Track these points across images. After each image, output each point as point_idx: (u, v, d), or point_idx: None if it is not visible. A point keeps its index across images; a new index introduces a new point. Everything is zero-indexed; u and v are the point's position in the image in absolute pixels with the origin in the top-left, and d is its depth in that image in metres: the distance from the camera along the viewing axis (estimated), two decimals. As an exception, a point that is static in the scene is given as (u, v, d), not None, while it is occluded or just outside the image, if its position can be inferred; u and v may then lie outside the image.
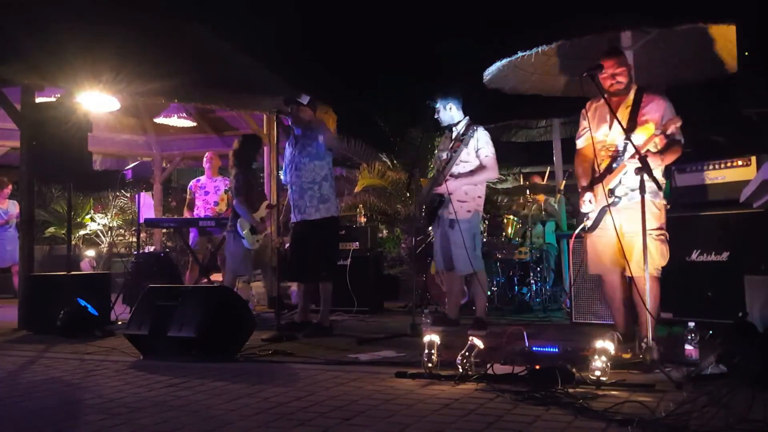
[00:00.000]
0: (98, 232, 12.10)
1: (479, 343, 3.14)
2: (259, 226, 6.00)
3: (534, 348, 3.34)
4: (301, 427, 2.43)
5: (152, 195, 10.37)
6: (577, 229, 4.19)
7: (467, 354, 3.13)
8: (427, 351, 3.24)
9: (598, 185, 3.93)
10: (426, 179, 5.56)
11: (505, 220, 6.89)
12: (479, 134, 5.06)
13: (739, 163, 4.59)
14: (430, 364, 3.22)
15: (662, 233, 3.83)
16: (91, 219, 12.23)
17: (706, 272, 4.57)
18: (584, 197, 3.99)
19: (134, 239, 9.31)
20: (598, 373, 2.92)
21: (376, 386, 3.09)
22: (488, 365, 3.13)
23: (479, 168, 5.05)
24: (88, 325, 5.16)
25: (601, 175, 3.93)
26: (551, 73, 7.07)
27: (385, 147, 11.58)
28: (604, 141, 3.97)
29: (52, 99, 6.21)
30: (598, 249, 4.02)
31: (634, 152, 3.73)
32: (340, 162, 11.50)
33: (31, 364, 4.02)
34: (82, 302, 5.25)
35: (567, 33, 6.14)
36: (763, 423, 2.24)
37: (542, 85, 7.35)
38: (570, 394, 2.75)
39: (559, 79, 7.16)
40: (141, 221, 7.20)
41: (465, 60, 10.99)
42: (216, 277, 6.75)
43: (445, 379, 3.12)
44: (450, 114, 5.18)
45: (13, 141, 7.18)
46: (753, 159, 4.54)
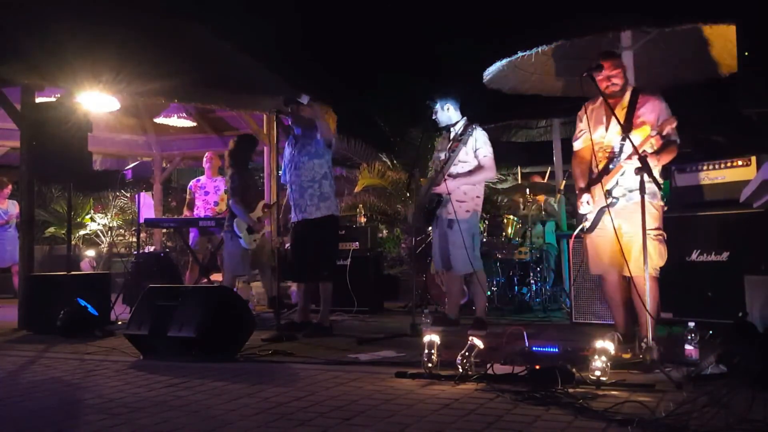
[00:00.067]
0: (98, 232, 12.10)
1: (479, 343, 3.14)
2: (256, 226, 6.00)
3: (534, 348, 3.34)
4: (301, 427, 2.43)
5: (152, 195, 10.37)
6: (576, 230, 4.20)
7: (467, 354, 3.13)
8: (427, 351, 3.24)
9: (596, 186, 3.94)
10: (426, 179, 5.56)
11: (505, 220, 6.89)
12: (477, 134, 5.06)
13: (739, 163, 4.60)
14: (430, 364, 3.22)
15: (660, 233, 3.84)
16: (91, 219, 12.23)
17: (706, 272, 4.57)
18: (582, 198, 4.01)
19: (134, 239, 9.31)
20: (598, 373, 2.92)
21: (376, 386, 3.09)
22: (488, 365, 3.13)
23: (477, 168, 5.05)
24: (88, 325, 5.16)
25: (598, 177, 3.94)
26: (551, 73, 7.08)
27: (385, 147, 11.58)
28: (601, 142, 3.98)
29: (52, 99, 6.21)
30: (599, 249, 4.03)
31: (630, 153, 3.75)
32: (340, 162, 11.50)
33: (31, 364, 4.01)
34: (82, 302, 5.25)
35: (567, 33, 6.15)
36: (763, 423, 2.24)
37: (542, 85, 7.36)
38: (570, 394, 2.75)
39: (559, 79, 7.16)
40: (141, 221, 7.21)
41: (465, 60, 10.99)
42: (216, 277, 6.75)
43: (445, 379, 3.12)
44: (447, 114, 5.18)
45: (13, 141, 7.19)
46: (753, 159, 4.54)
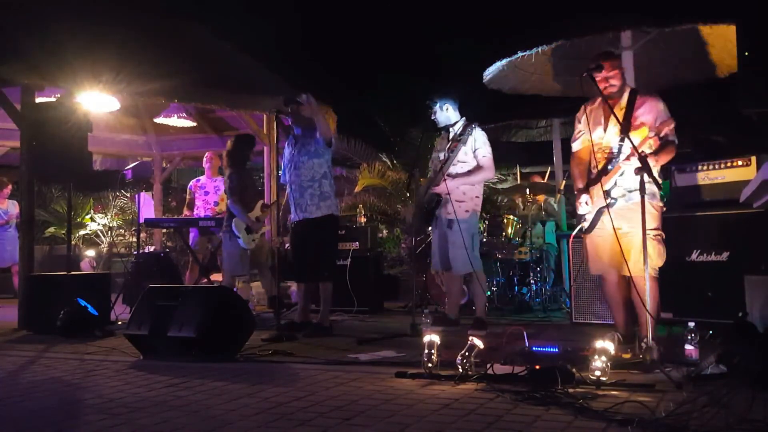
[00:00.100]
0: (98, 232, 12.10)
1: (479, 343, 3.14)
2: (254, 226, 6.00)
3: (534, 348, 3.34)
4: (301, 427, 2.43)
5: (152, 195, 10.37)
6: (574, 231, 4.21)
7: (467, 354, 3.13)
8: (427, 351, 3.24)
9: (594, 187, 3.95)
10: (426, 179, 5.56)
11: (505, 220, 6.89)
12: (477, 134, 5.06)
13: (739, 163, 4.60)
14: (430, 364, 3.22)
15: (659, 233, 3.84)
16: (91, 219, 12.23)
17: (706, 272, 4.57)
18: (580, 199, 4.02)
19: (134, 239, 9.31)
20: (598, 373, 2.92)
21: (376, 386, 3.09)
22: (488, 365, 3.12)
23: (476, 168, 5.05)
24: (88, 325, 5.16)
25: (597, 177, 3.95)
26: (551, 73, 7.08)
27: (385, 147, 11.59)
28: (599, 143, 3.98)
29: (52, 99, 6.20)
30: (598, 249, 4.03)
31: (628, 154, 3.76)
32: (340, 162, 11.51)
33: (31, 364, 4.01)
34: (82, 302, 5.25)
35: (567, 33, 6.15)
36: (763, 423, 2.24)
37: (542, 85, 7.36)
38: (570, 394, 2.75)
39: (559, 79, 7.17)
40: (141, 221, 7.21)
41: (465, 60, 11.00)
42: (216, 277, 6.75)
43: (445, 379, 3.12)
44: (446, 115, 5.18)
45: (13, 141, 7.18)
46: (753, 159, 4.54)
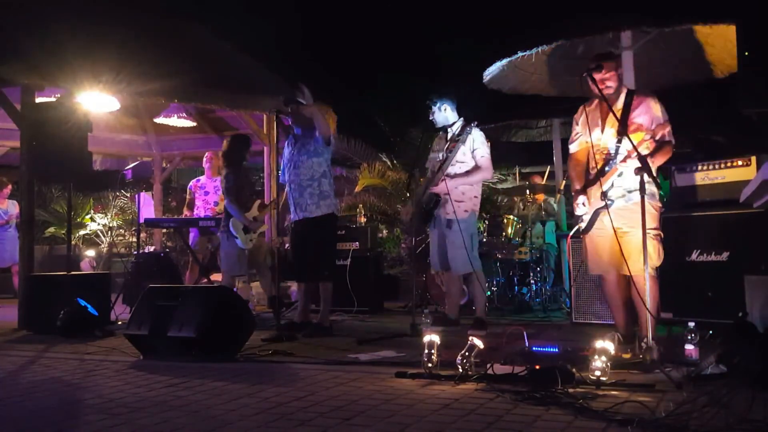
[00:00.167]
0: (98, 232, 12.10)
1: (479, 343, 3.14)
2: (252, 226, 5.99)
3: (534, 348, 3.34)
4: (301, 427, 2.43)
5: (152, 195, 10.37)
6: (571, 231, 4.22)
7: (467, 354, 3.13)
8: (427, 351, 3.24)
9: (591, 188, 3.96)
10: (425, 179, 5.56)
11: (505, 220, 6.89)
12: (475, 135, 5.07)
13: (739, 163, 4.60)
14: (430, 364, 3.22)
15: (658, 233, 3.85)
16: (91, 219, 12.23)
17: (706, 272, 4.57)
18: (578, 200, 4.04)
19: (134, 239, 9.31)
20: (598, 373, 2.92)
21: (376, 386, 3.09)
22: (488, 365, 3.12)
23: (475, 168, 5.06)
24: (88, 325, 5.16)
25: (594, 178, 3.95)
26: (551, 73, 7.08)
27: (385, 147, 11.59)
28: (597, 144, 3.99)
29: (52, 99, 6.20)
30: (598, 249, 4.03)
31: (625, 156, 3.76)
32: (340, 162, 11.51)
33: (31, 364, 4.01)
34: (82, 302, 5.25)
35: (567, 33, 6.15)
36: (763, 423, 2.24)
37: (542, 85, 7.36)
38: (570, 394, 2.75)
39: (559, 79, 7.16)
40: (141, 221, 7.21)
41: (465, 60, 11.00)
42: (216, 277, 6.75)
43: (445, 379, 3.12)
44: (444, 115, 5.19)
45: (13, 141, 7.18)
46: (753, 159, 4.54)
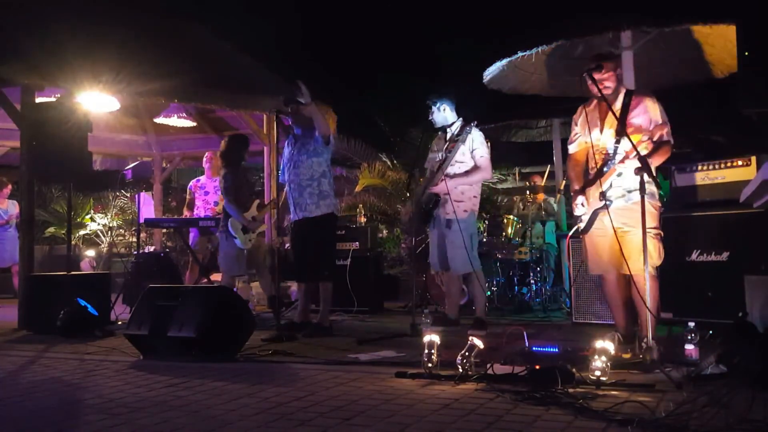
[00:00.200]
0: (98, 232, 12.10)
1: (479, 343, 3.14)
2: (251, 225, 5.99)
3: (534, 348, 3.34)
4: (301, 427, 2.43)
5: (152, 195, 10.37)
6: (570, 232, 4.22)
7: (467, 354, 3.13)
8: (427, 351, 3.24)
9: (590, 188, 3.97)
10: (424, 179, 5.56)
11: (505, 220, 6.89)
12: (474, 135, 5.07)
13: (739, 163, 4.60)
14: (430, 364, 3.22)
15: (659, 232, 3.85)
16: (91, 219, 12.23)
17: (706, 272, 4.57)
18: (576, 201, 4.04)
19: (134, 239, 9.31)
20: (598, 373, 2.92)
21: (376, 386, 3.09)
22: (488, 365, 3.12)
23: (474, 168, 5.06)
24: (88, 325, 5.16)
25: (593, 179, 3.96)
26: (551, 73, 7.08)
27: (385, 147, 11.59)
28: (596, 145, 3.99)
29: (52, 99, 6.20)
30: (598, 248, 4.03)
31: (623, 157, 3.77)
32: (340, 162, 11.51)
33: (31, 364, 4.01)
34: (82, 302, 5.25)
35: (567, 33, 6.15)
36: (763, 423, 2.24)
37: (542, 85, 7.36)
38: (570, 394, 2.75)
39: (559, 79, 7.16)
40: (141, 221, 7.21)
41: (465, 60, 10.99)
42: (216, 277, 6.75)
43: (445, 379, 3.12)
44: (443, 115, 5.19)
45: (13, 141, 7.18)
46: (753, 159, 4.55)
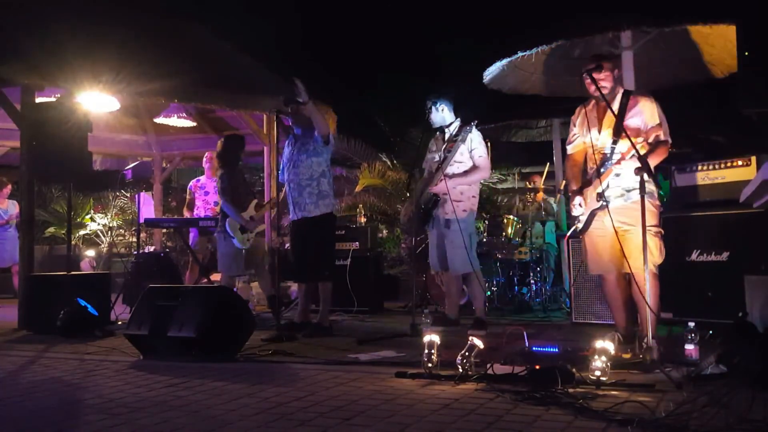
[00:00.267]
0: (98, 232, 12.10)
1: (479, 343, 3.14)
2: (248, 225, 5.99)
3: (534, 348, 3.34)
4: (301, 427, 2.43)
5: (152, 195, 10.37)
6: (569, 232, 4.22)
7: (467, 354, 3.13)
8: (427, 351, 3.24)
9: (588, 189, 3.98)
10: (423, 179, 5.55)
11: (505, 220, 6.89)
12: (473, 135, 5.07)
13: (739, 163, 4.60)
14: (430, 364, 3.22)
15: (659, 229, 3.85)
16: (91, 219, 12.23)
17: (706, 272, 4.57)
18: (574, 201, 4.05)
19: (134, 239, 9.31)
20: (598, 373, 2.92)
21: (376, 386, 3.09)
22: (488, 365, 3.13)
23: (473, 168, 5.06)
24: (88, 325, 5.16)
25: (590, 179, 3.95)
26: (551, 73, 7.08)
27: (385, 147, 11.59)
28: (595, 145, 3.99)
29: (52, 99, 6.20)
30: (598, 248, 4.03)
31: (619, 159, 3.78)
32: (340, 162, 11.51)
33: (31, 364, 4.01)
34: (82, 302, 5.25)
35: (567, 33, 6.15)
36: (763, 423, 2.24)
37: (542, 85, 7.36)
38: (570, 394, 2.75)
39: (559, 79, 7.16)
40: (141, 221, 7.21)
41: (465, 60, 10.99)
42: (216, 277, 6.75)
43: (445, 379, 3.12)
44: (442, 115, 5.19)
45: (13, 141, 7.18)
46: (753, 159, 4.55)
